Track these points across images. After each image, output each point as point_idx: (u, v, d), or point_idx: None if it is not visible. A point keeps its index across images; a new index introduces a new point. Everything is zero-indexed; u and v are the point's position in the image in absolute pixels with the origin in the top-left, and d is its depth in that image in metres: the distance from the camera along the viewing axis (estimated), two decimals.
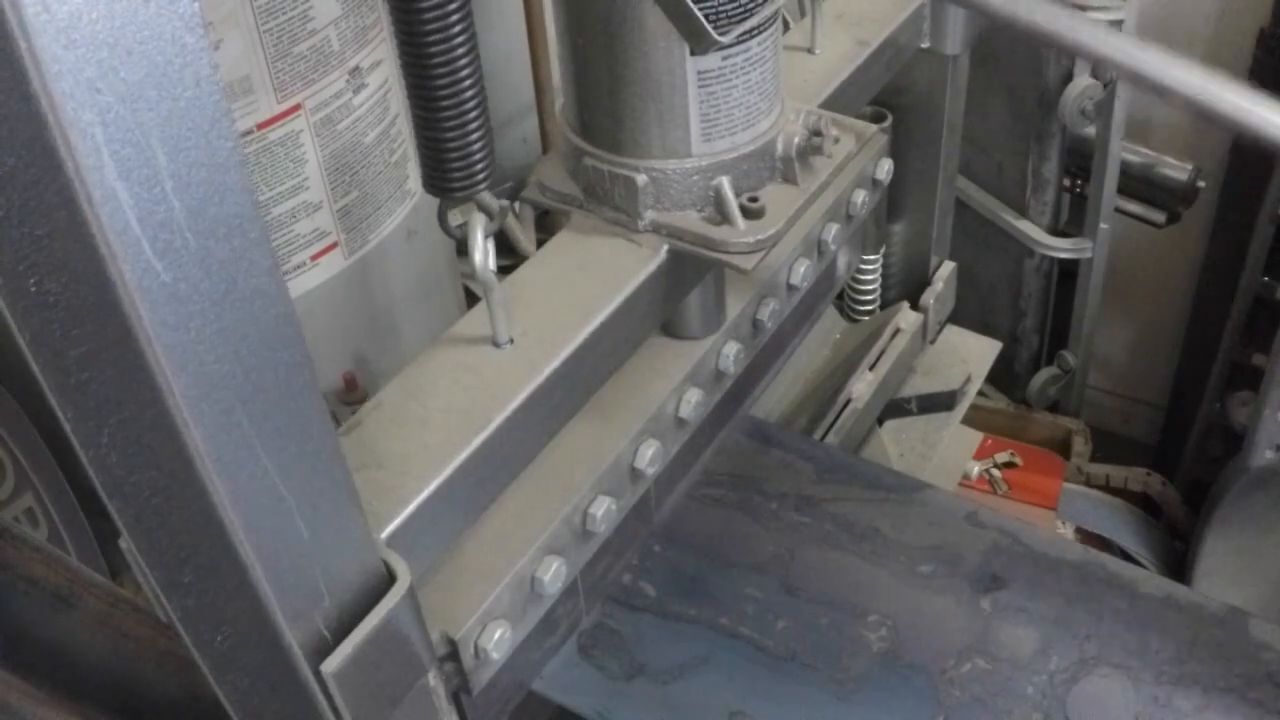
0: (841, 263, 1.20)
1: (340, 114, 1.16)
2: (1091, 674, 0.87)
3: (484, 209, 0.77)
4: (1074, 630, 0.90)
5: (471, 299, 1.49)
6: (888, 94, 1.22)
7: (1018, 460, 2.09)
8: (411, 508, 0.69)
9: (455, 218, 1.63)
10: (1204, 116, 0.60)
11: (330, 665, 0.59)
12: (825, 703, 0.87)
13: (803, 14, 1.09)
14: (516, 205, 1.74)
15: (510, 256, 1.76)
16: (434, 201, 1.34)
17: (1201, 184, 2.02)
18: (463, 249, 1.47)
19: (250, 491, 0.52)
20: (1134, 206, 2.08)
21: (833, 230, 1.07)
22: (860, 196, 1.09)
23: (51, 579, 0.85)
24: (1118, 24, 1.82)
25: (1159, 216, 2.07)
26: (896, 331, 1.32)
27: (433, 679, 0.70)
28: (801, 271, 1.03)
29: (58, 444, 1.23)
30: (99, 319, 0.45)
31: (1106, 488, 2.14)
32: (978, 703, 0.86)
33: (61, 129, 0.40)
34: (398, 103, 1.24)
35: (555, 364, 0.78)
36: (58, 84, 0.40)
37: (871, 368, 1.27)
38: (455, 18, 0.69)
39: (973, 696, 0.86)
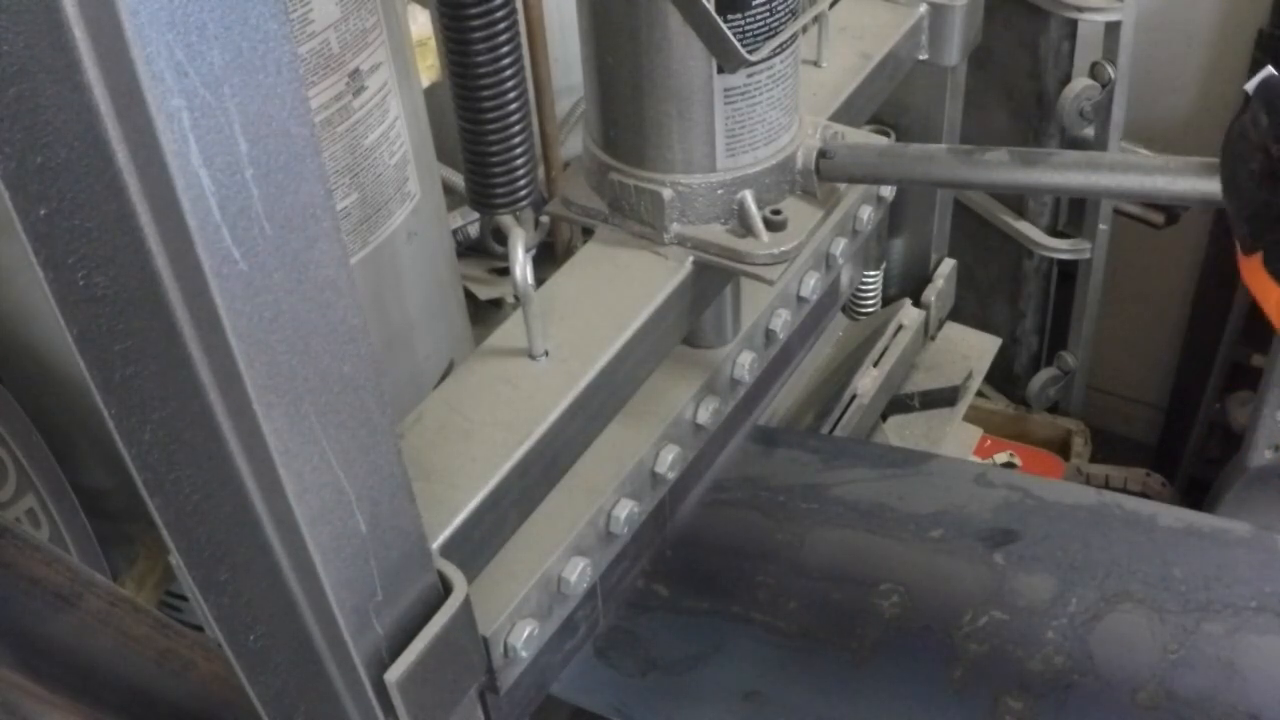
0: (844, 278, 1.22)
1: (339, 116, 1.16)
2: (1114, 611, 0.86)
3: (523, 224, 0.79)
4: (1092, 571, 0.89)
5: (471, 301, 1.49)
6: (888, 102, 1.23)
7: (1017, 461, 2.09)
8: (461, 518, 0.70)
9: (455, 219, 1.61)
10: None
11: (393, 674, 0.60)
12: (840, 673, 0.87)
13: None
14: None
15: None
16: (434, 203, 1.34)
17: None
18: (463, 252, 1.47)
19: (312, 483, 0.52)
20: (1133, 207, 2.07)
21: (840, 245, 1.09)
22: (865, 213, 1.12)
23: (53, 578, 0.85)
24: (1116, 25, 1.82)
25: (1158, 217, 2.07)
26: (899, 328, 1.33)
27: None
28: (811, 284, 1.06)
29: (58, 445, 1.23)
30: (145, 314, 0.45)
31: (1106, 488, 2.14)
32: (996, 652, 0.85)
33: (149, 114, 0.40)
34: (397, 105, 1.24)
35: (592, 375, 0.79)
36: (150, 66, 0.39)
37: (876, 364, 1.28)
38: (503, 37, 0.71)
39: (991, 648, 0.86)
